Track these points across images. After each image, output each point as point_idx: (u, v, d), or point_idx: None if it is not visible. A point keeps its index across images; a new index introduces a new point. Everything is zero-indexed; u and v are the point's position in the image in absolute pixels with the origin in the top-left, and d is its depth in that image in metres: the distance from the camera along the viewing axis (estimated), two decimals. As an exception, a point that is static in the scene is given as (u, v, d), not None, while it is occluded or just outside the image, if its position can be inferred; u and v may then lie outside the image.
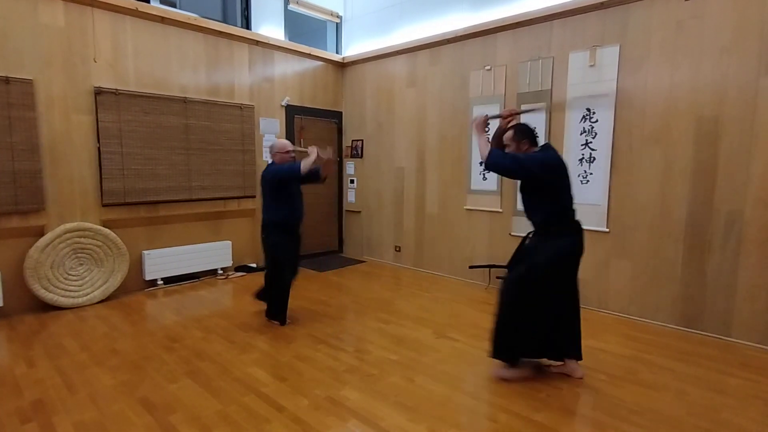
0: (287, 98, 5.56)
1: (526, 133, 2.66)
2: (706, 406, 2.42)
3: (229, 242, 5.07)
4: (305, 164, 3.27)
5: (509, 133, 2.68)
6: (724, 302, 3.35)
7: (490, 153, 2.58)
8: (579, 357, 2.74)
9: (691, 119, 3.43)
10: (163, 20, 4.39)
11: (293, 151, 3.56)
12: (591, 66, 3.88)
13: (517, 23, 4.30)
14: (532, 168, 2.50)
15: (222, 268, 5.04)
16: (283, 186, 3.41)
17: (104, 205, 4.16)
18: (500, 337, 2.65)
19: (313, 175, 3.49)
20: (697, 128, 3.41)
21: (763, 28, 3.10)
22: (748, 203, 3.21)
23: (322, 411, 2.32)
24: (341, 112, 6.25)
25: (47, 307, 3.85)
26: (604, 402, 2.45)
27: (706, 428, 2.21)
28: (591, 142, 3.92)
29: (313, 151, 3.34)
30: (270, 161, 3.60)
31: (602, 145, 3.86)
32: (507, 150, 2.68)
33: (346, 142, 6.25)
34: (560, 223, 2.59)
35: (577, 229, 2.60)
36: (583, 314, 3.88)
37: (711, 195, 3.37)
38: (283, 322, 3.54)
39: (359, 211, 6.16)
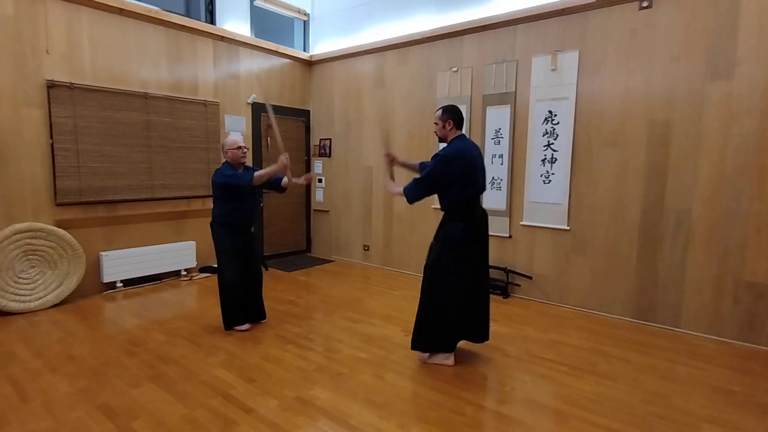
0: (253, 96, 5.46)
1: (453, 113, 2.82)
2: (658, 393, 2.57)
3: (194, 242, 4.93)
4: (261, 174, 3.16)
5: (438, 113, 2.85)
6: (674, 295, 3.56)
7: (405, 192, 2.81)
8: (486, 338, 2.96)
9: (644, 122, 3.62)
10: (121, 12, 4.22)
11: (245, 148, 3.37)
12: (553, 70, 4.03)
13: (482, 26, 4.40)
14: (440, 181, 2.73)
15: (186, 269, 4.90)
16: (231, 191, 3.26)
17: (58, 205, 3.96)
18: (417, 328, 2.88)
19: (273, 184, 3.41)
20: (649, 131, 3.60)
21: (709, 38, 3.31)
22: (696, 202, 3.43)
23: (291, 411, 2.30)
24: (309, 111, 6.20)
25: (-5, 313, 3.63)
26: (565, 392, 2.55)
27: (659, 414, 2.35)
28: (553, 144, 4.07)
29: (280, 162, 3.16)
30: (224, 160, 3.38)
31: (563, 147, 4.01)
32: (435, 128, 2.88)
33: (314, 141, 6.21)
34: (460, 209, 2.78)
35: (471, 214, 2.78)
36: (545, 308, 4.06)
37: (662, 194, 3.57)
38: (226, 327, 3.37)
39: (327, 211, 6.14)
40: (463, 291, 2.79)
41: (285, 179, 3.41)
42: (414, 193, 2.79)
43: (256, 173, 3.20)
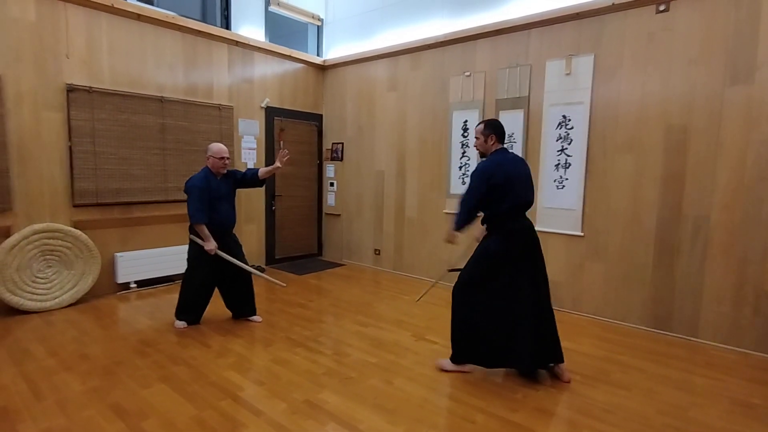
0: (267, 99, 5.52)
1: (495, 127, 2.77)
2: (675, 404, 2.50)
3: (206, 244, 4.97)
4: (203, 232, 3.32)
5: (479, 127, 2.81)
6: (691, 304, 3.47)
7: (455, 223, 2.71)
8: (560, 360, 2.75)
9: (661, 128, 3.56)
10: (139, 17, 4.30)
11: (229, 158, 3.49)
12: (567, 74, 3.99)
13: (496, 31, 4.39)
14: (479, 193, 2.64)
15: (198, 271, 4.94)
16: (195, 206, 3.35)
17: (75, 206, 4.03)
18: (455, 340, 2.81)
19: (249, 182, 3.58)
20: (666, 136, 3.54)
21: (728, 41, 3.24)
22: (714, 209, 3.35)
23: (300, 415, 2.30)
24: (321, 115, 6.23)
25: (13, 311, 3.70)
26: (578, 402, 2.50)
27: (675, 426, 2.28)
28: (567, 149, 4.02)
29: (207, 247, 3.32)
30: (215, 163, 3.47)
31: (577, 152, 3.96)
32: (476, 143, 2.82)
33: (327, 145, 6.23)
34: (499, 223, 2.70)
35: (512, 227, 2.67)
36: (558, 316, 3.97)
37: (680, 201, 3.50)
38: (177, 317, 3.51)
39: (339, 214, 6.15)
40: (496, 308, 2.65)
41: (260, 170, 3.51)
42: (459, 220, 2.68)
43: (202, 232, 3.33)
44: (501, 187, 2.61)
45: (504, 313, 2.66)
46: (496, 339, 2.67)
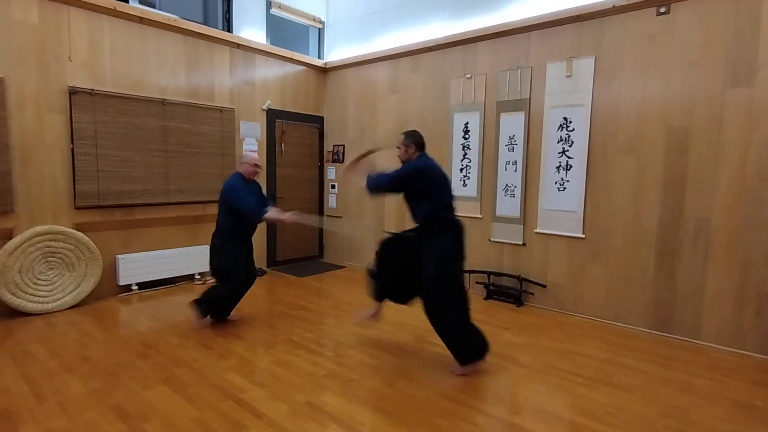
0: (268, 102, 5.53)
1: (414, 137, 2.93)
2: (676, 406, 2.49)
3: (207, 247, 4.96)
4: (269, 217, 3.35)
5: (401, 138, 2.96)
6: (692, 306, 3.47)
7: (367, 180, 2.87)
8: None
9: (661, 129, 3.56)
10: (141, 20, 4.32)
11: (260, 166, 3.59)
12: (567, 76, 3.99)
13: (496, 33, 4.40)
14: (401, 178, 2.81)
15: (199, 273, 4.95)
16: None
17: (77, 208, 4.04)
18: (462, 340, 2.84)
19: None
20: (667, 138, 3.54)
21: (729, 43, 3.25)
22: (715, 211, 3.35)
23: (301, 417, 2.30)
24: (323, 117, 6.24)
25: (14, 313, 3.70)
26: (579, 403, 2.50)
27: (677, 428, 2.28)
28: (568, 150, 4.03)
29: (290, 218, 3.37)
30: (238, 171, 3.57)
31: (578, 154, 3.96)
32: (397, 151, 2.96)
33: (328, 147, 6.24)
34: (440, 220, 2.82)
35: (457, 226, 2.84)
36: (560, 318, 3.99)
37: (681, 202, 3.50)
38: (203, 316, 3.53)
39: (340, 216, 6.15)
40: (465, 298, 2.86)
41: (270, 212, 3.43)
42: (377, 184, 2.86)
43: (267, 215, 3.35)
44: (435, 186, 2.81)
45: (466, 301, 2.87)
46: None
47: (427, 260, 2.81)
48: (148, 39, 4.42)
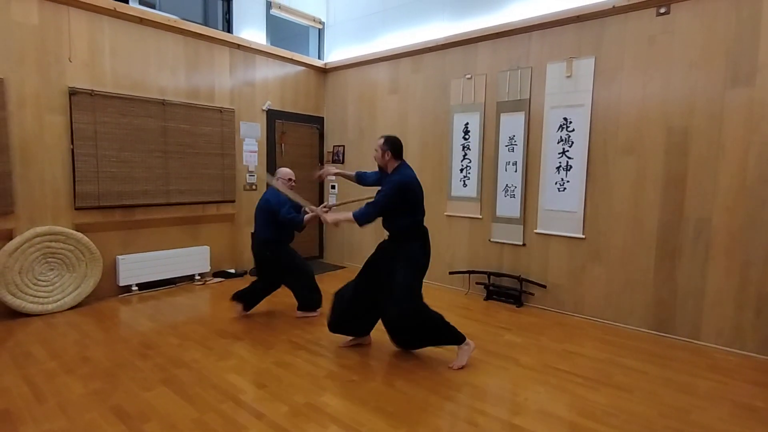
0: (268, 102, 5.53)
1: (392, 144, 2.94)
2: (677, 407, 2.49)
3: (207, 247, 4.99)
4: (307, 220, 3.60)
5: (380, 141, 2.96)
6: (693, 307, 3.47)
7: (355, 217, 2.88)
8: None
9: (662, 130, 3.56)
10: (141, 21, 4.32)
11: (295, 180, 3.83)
12: (568, 77, 3.99)
13: (496, 33, 4.40)
14: (389, 203, 2.85)
15: (200, 274, 4.95)
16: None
17: (77, 209, 4.04)
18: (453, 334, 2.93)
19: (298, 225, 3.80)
20: (667, 139, 3.54)
21: (729, 44, 3.25)
22: (716, 211, 3.35)
23: (301, 417, 2.29)
24: (323, 118, 6.24)
25: (14, 314, 3.70)
26: (580, 404, 2.50)
27: (677, 429, 2.27)
28: (568, 151, 4.02)
29: (318, 211, 3.51)
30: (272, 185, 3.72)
31: (578, 154, 3.96)
32: (374, 154, 2.99)
33: (328, 148, 6.24)
34: (415, 231, 2.94)
35: (425, 233, 2.98)
36: (560, 318, 3.99)
37: (681, 203, 3.50)
38: (313, 310, 3.89)
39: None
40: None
41: (307, 212, 3.63)
42: (367, 216, 2.87)
43: (305, 219, 3.60)
44: (417, 202, 2.91)
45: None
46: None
47: (397, 266, 2.88)
48: (148, 40, 4.42)
